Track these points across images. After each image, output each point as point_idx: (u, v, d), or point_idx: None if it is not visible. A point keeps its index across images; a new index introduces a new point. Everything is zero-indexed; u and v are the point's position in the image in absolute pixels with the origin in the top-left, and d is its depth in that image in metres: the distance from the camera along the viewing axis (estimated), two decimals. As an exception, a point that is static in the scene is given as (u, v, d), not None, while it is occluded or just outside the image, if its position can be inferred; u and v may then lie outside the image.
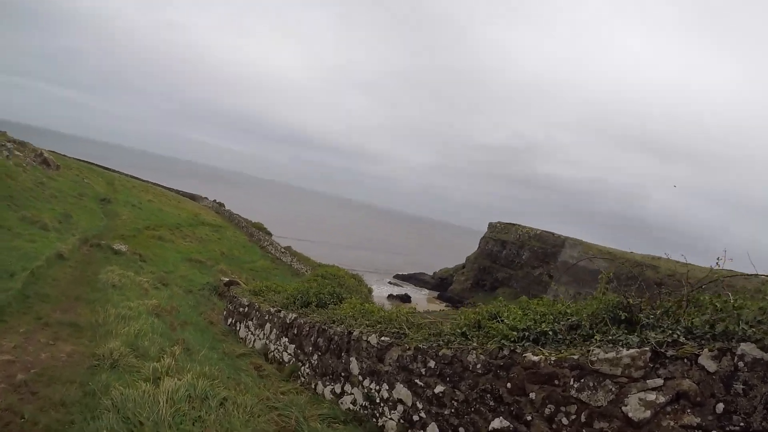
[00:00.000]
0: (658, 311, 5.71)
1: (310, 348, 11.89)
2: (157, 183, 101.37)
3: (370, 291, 45.85)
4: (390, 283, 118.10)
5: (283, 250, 61.89)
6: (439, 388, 7.53)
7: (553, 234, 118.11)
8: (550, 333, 6.46)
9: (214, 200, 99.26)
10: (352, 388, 9.79)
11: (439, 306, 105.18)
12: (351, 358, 10.00)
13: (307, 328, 12.28)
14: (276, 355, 14.05)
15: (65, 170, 53.44)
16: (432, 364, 7.80)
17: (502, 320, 7.42)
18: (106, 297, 16.41)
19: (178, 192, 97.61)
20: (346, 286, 41.00)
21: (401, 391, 8.35)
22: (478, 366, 6.88)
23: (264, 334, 15.39)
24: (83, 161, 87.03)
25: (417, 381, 8.06)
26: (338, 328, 10.85)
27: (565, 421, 5.47)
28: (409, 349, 8.45)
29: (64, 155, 74.98)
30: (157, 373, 8.87)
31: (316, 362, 11.52)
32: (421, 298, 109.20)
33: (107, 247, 28.76)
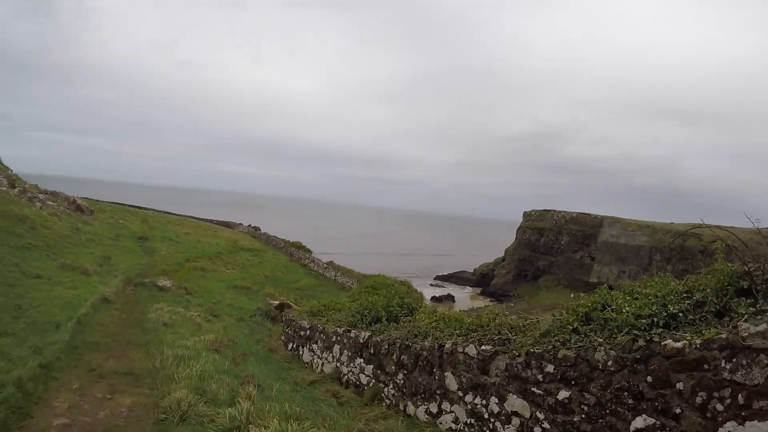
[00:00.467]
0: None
1: (393, 367, 10.76)
2: (190, 216, 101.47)
3: (421, 296, 44.90)
4: (431, 284, 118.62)
5: (325, 265, 61.25)
6: (563, 394, 6.58)
7: (589, 215, 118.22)
8: (680, 315, 5.87)
9: (249, 225, 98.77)
10: (452, 406, 8.71)
11: (483, 302, 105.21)
12: (446, 374, 8.91)
13: (386, 346, 11.13)
14: (351, 378, 12.92)
15: (99, 214, 53.74)
16: (550, 368, 6.84)
17: (613, 309, 6.74)
18: (159, 337, 15.36)
19: (212, 221, 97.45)
20: (400, 295, 39.94)
21: (515, 403, 7.34)
22: (609, 363, 6.03)
23: (333, 356, 14.25)
24: (116, 203, 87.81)
25: (534, 389, 7.07)
26: (425, 343, 9.72)
27: (719, 407, 4.90)
28: (518, 355, 7.43)
29: (97, 200, 75.39)
30: (236, 421, 7.73)
31: (402, 382, 10.39)
32: (464, 296, 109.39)
33: (151, 284, 28.15)
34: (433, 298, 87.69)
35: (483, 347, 8.14)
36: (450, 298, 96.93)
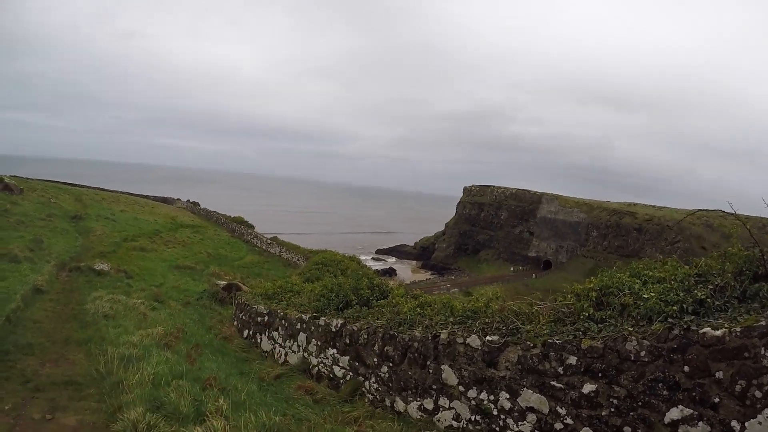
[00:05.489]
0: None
1: (375, 359, 9.84)
2: (126, 192, 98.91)
3: (374, 274, 44.33)
4: (373, 258, 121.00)
5: (269, 241, 60.65)
6: (588, 387, 6.19)
7: (528, 191, 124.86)
8: (708, 301, 5.79)
9: (188, 200, 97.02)
10: (451, 402, 7.99)
11: (425, 275, 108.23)
12: (443, 367, 8.17)
13: (366, 336, 10.16)
14: (322, 370, 11.84)
15: (29, 193, 51.75)
16: (572, 360, 6.38)
17: (627, 294, 6.65)
18: (100, 333, 13.85)
19: (149, 197, 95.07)
20: (352, 270, 39.19)
21: (531, 398, 6.81)
22: (642, 353, 5.79)
23: (299, 345, 13.10)
24: (48, 181, 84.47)
25: (553, 383, 6.56)
26: (415, 333, 8.86)
27: (758, 394, 4.89)
28: (533, 346, 6.85)
29: (27, 178, 71.93)
30: (209, 445, 6.61)
31: (386, 375, 9.49)
32: (405, 269, 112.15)
33: (88, 268, 26.45)
34: (375, 273, 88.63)
35: (489, 338, 7.49)
36: (392, 272, 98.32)
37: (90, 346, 12.91)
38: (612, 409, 5.98)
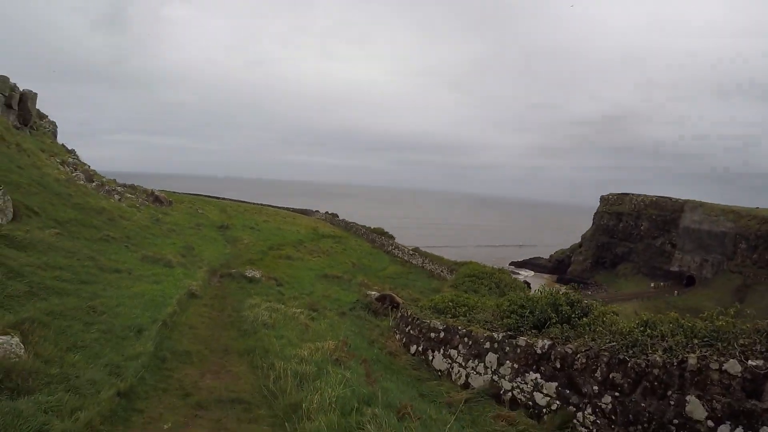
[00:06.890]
0: None
1: (595, 387, 8.94)
2: (266, 204, 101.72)
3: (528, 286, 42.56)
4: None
5: (411, 252, 60.83)
6: None
7: (670, 199, 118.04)
8: None
9: (326, 212, 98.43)
10: None
11: (561, 290, 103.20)
12: (687, 398, 7.19)
13: (584, 360, 9.17)
14: (518, 396, 10.97)
15: (178, 204, 55.45)
16: None
17: None
18: (263, 343, 13.48)
19: (289, 209, 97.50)
20: (506, 284, 37.70)
21: None
22: None
23: (486, 367, 12.29)
24: (194, 194, 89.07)
25: None
26: (656, 357, 7.83)
27: None
28: None
29: (174, 192, 76.38)
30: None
31: (609, 407, 8.56)
32: (539, 283, 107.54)
33: (239, 275, 27.70)
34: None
35: (751, 362, 6.51)
36: (526, 285, 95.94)
37: (252, 357, 12.83)
38: None
